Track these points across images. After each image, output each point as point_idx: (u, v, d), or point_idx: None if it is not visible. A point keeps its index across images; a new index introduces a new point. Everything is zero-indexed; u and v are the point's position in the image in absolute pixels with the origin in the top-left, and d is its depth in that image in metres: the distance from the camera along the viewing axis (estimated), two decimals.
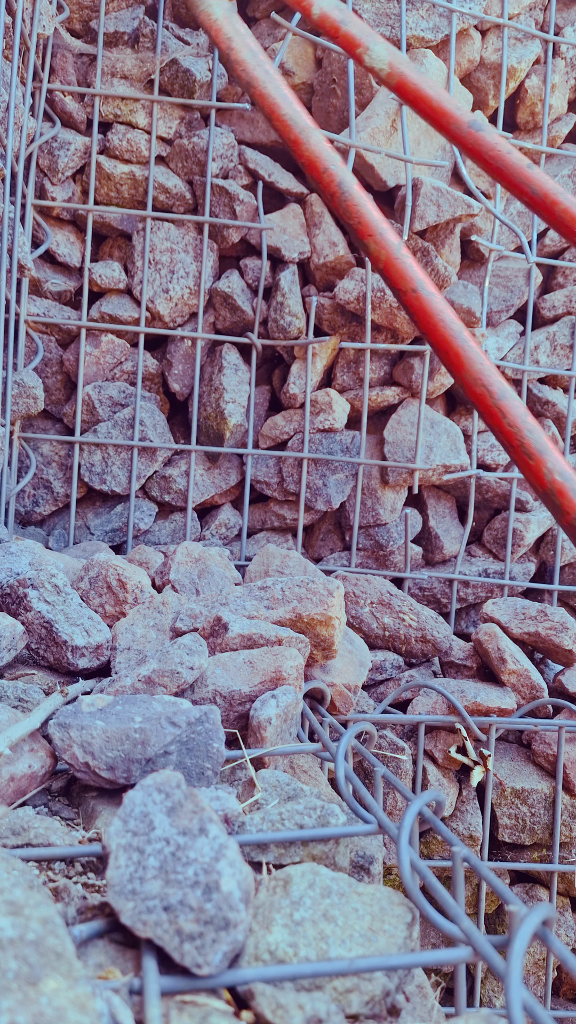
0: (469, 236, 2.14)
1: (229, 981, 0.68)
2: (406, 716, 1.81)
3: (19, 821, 0.91)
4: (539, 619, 1.94)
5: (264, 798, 0.98)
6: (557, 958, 0.67)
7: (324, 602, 1.42)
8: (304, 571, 1.70)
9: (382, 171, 2.00)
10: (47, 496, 2.02)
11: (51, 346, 2.02)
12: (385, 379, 2.13)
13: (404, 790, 1.07)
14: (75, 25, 2.02)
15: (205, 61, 2.01)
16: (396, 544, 2.11)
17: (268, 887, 0.79)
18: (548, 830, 1.92)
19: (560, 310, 2.21)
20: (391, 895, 0.81)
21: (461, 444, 2.11)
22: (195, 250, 2.05)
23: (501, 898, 0.78)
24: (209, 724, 1.03)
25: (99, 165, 1.98)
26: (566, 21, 2.24)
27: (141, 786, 0.77)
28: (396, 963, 0.71)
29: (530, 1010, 0.64)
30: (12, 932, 0.61)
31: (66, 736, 1.00)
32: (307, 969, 0.69)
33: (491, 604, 1.99)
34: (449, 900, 0.79)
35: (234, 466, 2.11)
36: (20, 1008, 0.55)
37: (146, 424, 2.01)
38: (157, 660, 1.20)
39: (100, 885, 0.85)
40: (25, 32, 1.75)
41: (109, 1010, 0.62)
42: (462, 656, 1.98)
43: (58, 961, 0.61)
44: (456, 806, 1.92)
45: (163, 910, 0.69)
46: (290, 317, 2.04)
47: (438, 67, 2.06)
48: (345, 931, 0.75)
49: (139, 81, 2.02)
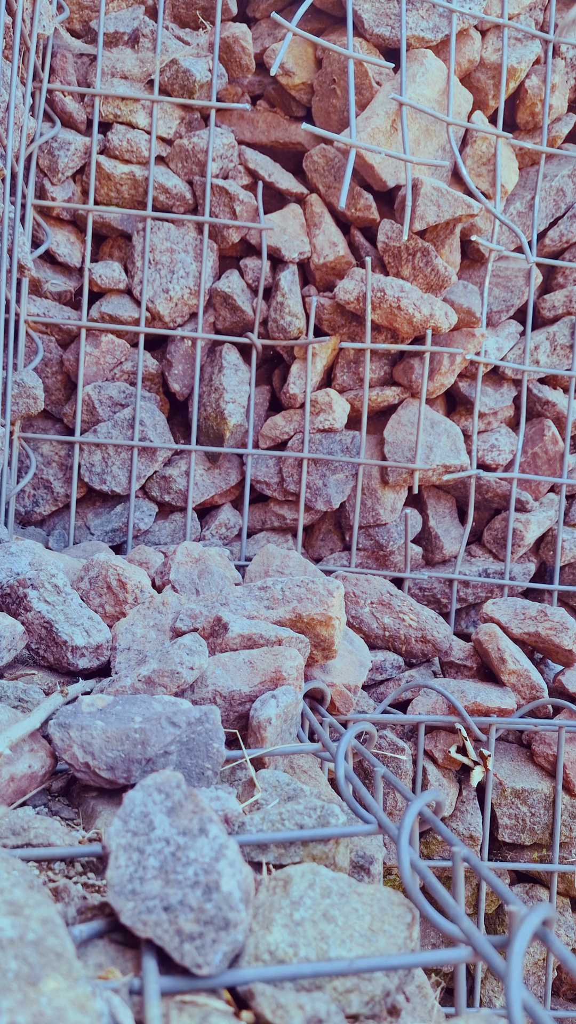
0: (469, 236, 2.14)
1: (229, 981, 0.68)
2: (406, 716, 1.81)
3: (19, 821, 0.91)
4: (539, 619, 1.94)
5: (264, 798, 0.98)
6: (557, 958, 0.67)
7: (324, 602, 1.42)
8: (304, 571, 1.70)
9: (382, 171, 2.00)
10: (47, 496, 2.02)
11: (51, 346, 2.02)
12: (385, 379, 2.13)
13: (404, 790, 1.07)
14: (75, 25, 2.02)
15: (205, 61, 2.01)
16: (396, 544, 2.11)
17: (268, 887, 0.79)
18: (548, 830, 1.92)
19: (560, 310, 2.22)
20: (391, 895, 0.81)
21: (461, 444, 2.11)
22: (195, 250, 2.05)
23: (501, 898, 0.78)
24: (209, 724, 1.03)
25: (99, 165, 1.98)
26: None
27: (141, 786, 0.77)
28: (396, 963, 0.71)
29: (530, 1010, 0.64)
30: (12, 932, 0.61)
31: (66, 736, 1.00)
32: (307, 969, 0.69)
33: (491, 604, 1.99)
34: (449, 900, 0.79)
35: (234, 466, 2.11)
36: (20, 1008, 0.55)
37: (146, 424, 2.01)
38: (157, 660, 1.20)
39: (100, 885, 0.85)
40: (25, 32, 1.75)
41: (109, 1010, 0.62)
42: (462, 656, 1.98)
43: (58, 961, 0.61)
44: (456, 806, 1.92)
45: (163, 910, 0.69)
46: (290, 317, 2.04)
47: (438, 67, 2.06)
48: (345, 931, 0.75)
49: (139, 81, 2.02)
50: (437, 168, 2.08)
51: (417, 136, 2.04)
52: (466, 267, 2.20)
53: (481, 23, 2.12)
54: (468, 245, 2.17)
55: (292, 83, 2.09)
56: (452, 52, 2.04)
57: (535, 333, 2.22)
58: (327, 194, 2.09)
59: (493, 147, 2.11)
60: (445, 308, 2.02)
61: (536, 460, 2.19)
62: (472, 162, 2.12)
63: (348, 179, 1.90)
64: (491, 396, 2.18)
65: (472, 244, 2.15)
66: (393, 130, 1.99)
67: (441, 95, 2.07)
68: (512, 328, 2.20)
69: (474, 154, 2.11)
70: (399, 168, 2.02)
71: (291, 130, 2.14)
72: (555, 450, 2.19)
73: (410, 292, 1.98)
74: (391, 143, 2.01)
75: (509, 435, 2.20)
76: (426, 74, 2.04)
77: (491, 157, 2.11)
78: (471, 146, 2.12)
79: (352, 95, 1.94)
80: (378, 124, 1.98)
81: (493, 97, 2.16)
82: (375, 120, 1.99)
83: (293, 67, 2.08)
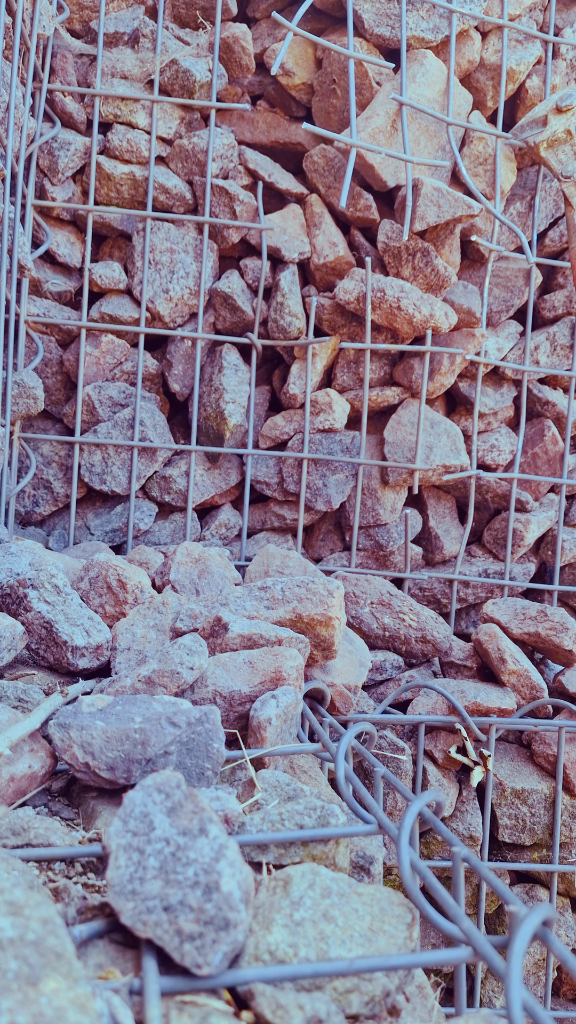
0: (469, 236, 2.14)
1: (229, 981, 0.68)
2: (406, 716, 1.81)
3: (19, 821, 0.91)
4: (539, 619, 1.94)
5: (264, 798, 0.98)
6: (557, 958, 0.67)
7: (324, 602, 1.42)
8: (304, 571, 1.70)
9: (382, 171, 2.00)
10: (47, 496, 2.02)
11: (51, 346, 2.02)
12: (385, 379, 2.13)
13: (404, 790, 1.07)
14: (75, 25, 2.02)
15: (205, 61, 2.01)
16: (396, 544, 2.12)
17: (268, 887, 0.79)
18: (548, 830, 1.92)
19: (560, 310, 2.22)
20: (391, 895, 0.81)
21: (461, 444, 2.11)
22: (195, 250, 2.05)
23: (501, 898, 0.78)
24: (209, 724, 1.03)
25: (99, 165, 1.98)
26: (566, 22, 2.24)
27: (141, 786, 0.77)
28: (396, 963, 0.71)
29: (530, 1010, 0.64)
30: (12, 932, 0.61)
31: (66, 736, 1.00)
32: (307, 969, 0.69)
33: (491, 604, 1.99)
34: (449, 900, 0.79)
35: (234, 466, 2.11)
36: (20, 1008, 0.55)
37: (146, 424, 2.01)
38: (157, 660, 1.20)
39: (100, 885, 0.85)
40: (25, 32, 1.75)
41: (109, 1010, 0.62)
42: (462, 656, 1.98)
43: (58, 961, 0.61)
44: (456, 806, 1.92)
45: (163, 910, 0.69)
46: (290, 317, 2.04)
47: (438, 67, 2.06)
48: (345, 931, 0.75)
49: (139, 81, 2.02)
50: (437, 168, 2.08)
51: (417, 136, 2.04)
52: (466, 267, 2.20)
53: (482, 24, 2.12)
54: (468, 245, 2.17)
55: (292, 83, 2.09)
56: (452, 53, 2.04)
57: (535, 333, 2.22)
58: (327, 194, 2.09)
59: (491, 147, 2.11)
60: (445, 308, 2.02)
61: (536, 460, 2.19)
62: (469, 162, 2.12)
63: (348, 179, 1.90)
64: (491, 396, 2.18)
65: (472, 244, 2.15)
66: (393, 130, 2.00)
67: (441, 95, 2.07)
68: (512, 328, 2.20)
69: (471, 154, 2.11)
70: (399, 168, 2.02)
71: (291, 130, 2.14)
72: (555, 450, 2.19)
73: (410, 292, 1.98)
74: (391, 143, 2.01)
75: (509, 435, 2.20)
76: (426, 74, 2.04)
77: (488, 157, 2.11)
78: (468, 146, 2.12)
79: (352, 95, 1.94)
80: (378, 124, 1.98)
81: (491, 98, 2.16)
82: (375, 120, 1.99)
83: (293, 67, 2.08)
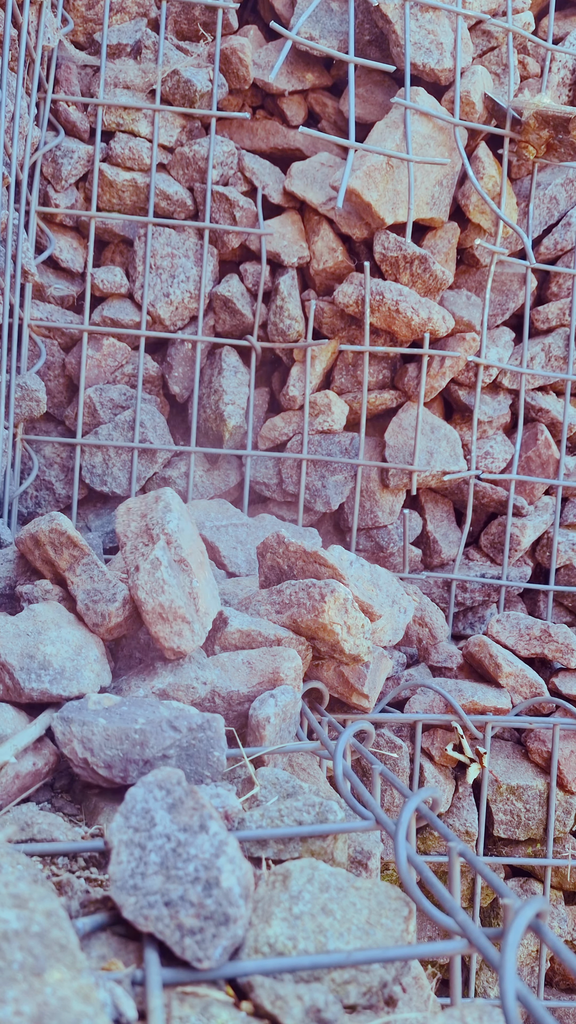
0: (465, 243, 2.16)
1: (229, 973, 0.69)
2: (404, 715, 1.83)
3: (23, 817, 0.92)
4: (544, 640, 1.97)
5: (263, 795, 1.00)
6: (550, 949, 0.69)
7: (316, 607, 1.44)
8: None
9: (380, 208, 1.93)
10: (49, 497, 2.04)
11: (54, 350, 2.04)
12: (384, 382, 2.14)
13: (402, 787, 1.09)
14: (79, 37, 2.04)
15: (206, 72, 2.03)
16: (396, 546, 2.13)
17: (267, 882, 0.81)
18: (542, 825, 1.94)
19: (554, 322, 2.23)
20: (388, 890, 0.82)
21: (460, 450, 2.13)
22: (195, 255, 2.07)
23: (496, 892, 0.80)
24: (211, 732, 1.03)
25: (102, 173, 2.00)
26: (563, 30, 2.26)
27: (143, 782, 0.78)
28: (393, 955, 0.72)
29: (524, 1000, 0.66)
30: (17, 924, 0.63)
31: (67, 730, 1.01)
32: (306, 961, 0.71)
33: (496, 624, 2.00)
34: (445, 894, 0.81)
35: (233, 467, 2.13)
36: (25, 998, 0.57)
37: (146, 426, 2.03)
38: (172, 674, 1.22)
39: (103, 880, 0.86)
40: (30, 44, 1.77)
41: (112, 1000, 0.64)
42: (460, 661, 2.01)
43: (62, 953, 0.62)
44: (452, 803, 1.94)
45: (164, 905, 0.70)
46: (289, 320, 2.06)
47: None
48: (343, 924, 0.77)
49: (141, 91, 2.04)
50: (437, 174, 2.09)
51: (415, 174, 2.02)
52: (462, 272, 2.21)
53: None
54: (463, 252, 2.19)
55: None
56: (457, 56, 2.06)
57: (531, 343, 2.23)
58: (325, 202, 2.10)
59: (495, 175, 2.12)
60: (443, 312, 2.04)
61: (530, 464, 2.21)
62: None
63: (347, 179, 1.91)
64: (489, 404, 2.19)
65: (468, 250, 2.17)
66: (390, 167, 1.97)
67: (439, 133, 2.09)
68: (508, 337, 2.21)
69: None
70: (398, 205, 2.00)
71: (290, 136, 2.16)
72: (548, 454, 2.21)
73: (408, 295, 2.00)
74: (388, 180, 1.98)
75: (504, 443, 2.21)
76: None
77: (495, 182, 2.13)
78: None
79: (352, 97, 1.95)
80: (374, 162, 1.96)
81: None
82: (371, 158, 1.96)
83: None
